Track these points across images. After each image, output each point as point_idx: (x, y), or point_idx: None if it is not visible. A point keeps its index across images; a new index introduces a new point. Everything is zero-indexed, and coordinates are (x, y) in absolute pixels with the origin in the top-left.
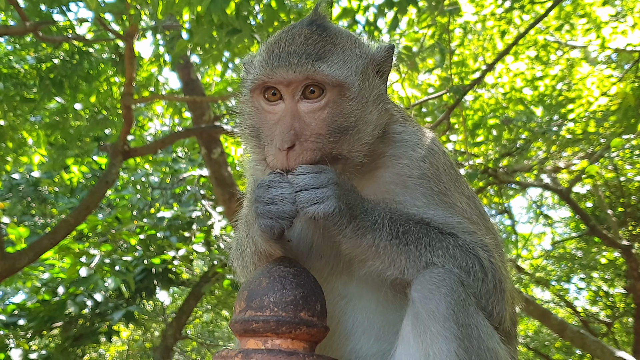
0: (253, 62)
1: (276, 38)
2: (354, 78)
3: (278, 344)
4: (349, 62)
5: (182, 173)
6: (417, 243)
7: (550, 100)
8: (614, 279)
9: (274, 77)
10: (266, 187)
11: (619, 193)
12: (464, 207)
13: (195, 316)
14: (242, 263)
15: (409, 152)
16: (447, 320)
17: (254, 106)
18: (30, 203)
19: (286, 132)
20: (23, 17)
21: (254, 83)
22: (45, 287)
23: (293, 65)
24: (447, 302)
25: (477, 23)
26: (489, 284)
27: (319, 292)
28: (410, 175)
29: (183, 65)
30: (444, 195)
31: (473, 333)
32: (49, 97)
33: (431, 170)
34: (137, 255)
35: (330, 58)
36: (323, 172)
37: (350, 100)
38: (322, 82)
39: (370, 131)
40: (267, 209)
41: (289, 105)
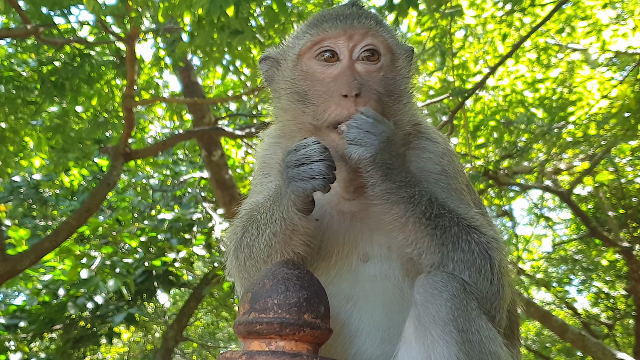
0: (297, 34)
1: (323, 11)
2: (400, 51)
3: (282, 346)
4: (395, 37)
5: (182, 175)
6: (444, 230)
7: (551, 103)
8: (614, 280)
9: (335, 36)
10: (293, 151)
11: (619, 195)
12: (475, 204)
13: (196, 318)
14: (249, 253)
15: (430, 147)
16: (448, 324)
17: (303, 70)
18: (31, 205)
19: (352, 81)
20: (24, 19)
21: (306, 45)
22: (46, 289)
23: (355, 26)
24: (447, 308)
25: (478, 26)
26: (495, 287)
27: (322, 294)
28: (431, 171)
29: (184, 67)
30: (460, 193)
31: (474, 337)
32: (50, 100)
33: (450, 168)
34: (137, 257)
35: (383, 27)
36: (383, 123)
37: (399, 69)
38: (380, 43)
39: (411, 106)
40: (297, 172)
41: (348, 62)
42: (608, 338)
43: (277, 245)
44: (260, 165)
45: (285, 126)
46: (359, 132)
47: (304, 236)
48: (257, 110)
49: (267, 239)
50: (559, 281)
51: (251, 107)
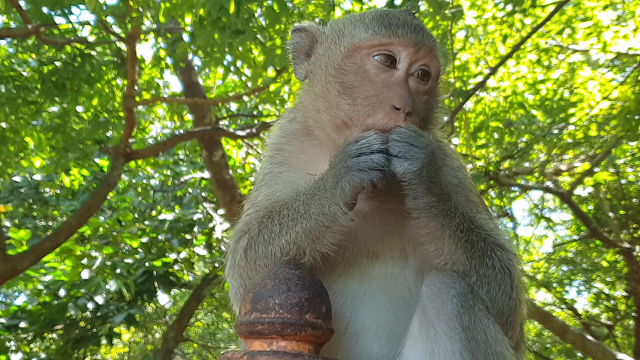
0: (359, 22)
1: (388, 11)
2: (441, 76)
3: (283, 346)
4: (444, 61)
5: (183, 175)
6: (473, 244)
7: (552, 104)
8: (615, 281)
9: (404, 40)
10: (353, 142)
11: (620, 196)
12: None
13: (196, 318)
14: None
15: (448, 161)
16: (452, 320)
17: (356, 64)
18: (31, 205)
19: (407, 97)
20: (25, 19)
21: (369, 41)
22: (47, 289)
23: (424, 35)
24: (453, 304)
25: (479, 26)
26: (513, 302)
27: (324, 295)
28: (451, 183)
29: (184, 68)
30: (475, 205)
31: (480, 337)
32: (51, 99)
33: (466, 180)
34: (138, 257)
35: (440, 50)
36: (424, 136)
37: (437, 95)
38: (434, 67)
39: (437, 126)
40: (355, 161)
41: (404, 75)
42: (608, 339)
43: (305, 242)
44: (272, 153)
45: (308, 114)
46: (403, 145)
47: (337, 234)
48: (258, 110)
49: (294, 235)
50: (559, 282)
51: (252, 108)
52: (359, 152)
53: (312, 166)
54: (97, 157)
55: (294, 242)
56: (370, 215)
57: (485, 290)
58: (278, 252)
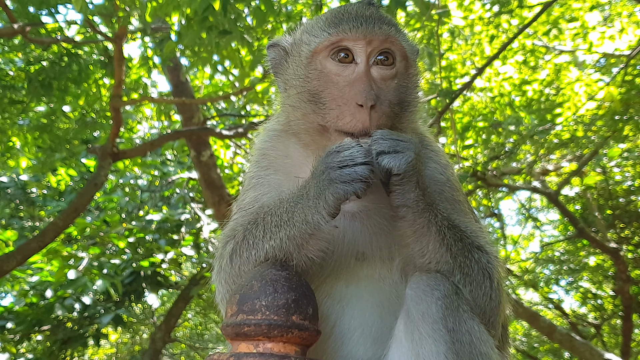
0: (312, 30)
1: (340, 8)
2: (413, 56)
3: (270, 348)
4: (409, 42)
5: (171, 176)
6: (456, 243)
7: (538, 105)
8: (602, 281)
9: (353, 37)
10: (335, 152)
11: (607, 196)
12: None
13: (184, 319)
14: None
15: (436, 158)
16: (437, 322)
17: (317, 69)
18: (18, 206)
19: (369, 91)
20: (11, 18)
21: (322, 43)
22: (33, 290)
23: (374, 29)
24: (437, 306)
25: (466, 28)
26: (494, 301)
27: (310, 296)
28: (438, 180)
29: (172, 67)
30: (461, 204)
31: (464, 338)
32: (37, 99)
33: (452, 179)
34: (125, 258)
35: (400, 31)
36: (405, 140)
37: (411, 76)
38: (397, 50)
39: (419, 112)
40: (339, 173)
41: (365, 67)
42: (595, 338)
43: (290, 249)
44: (258, 158)
45: (291, 122)
46: (389, 141)
47: (321, 241)
48: (246, 110)
49: (278, 242)
50: (546, 282)
51: (240, 108)
52: (342, 164)
53: (297, 169)
54: (84, 157)
55: (278, 248)
56: (358, 216)
57: (468, 290)
58: (262, 258)
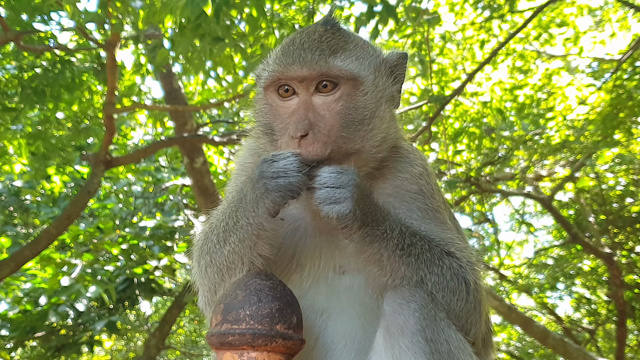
0: (268, 61)
1: (291, 37)
2: (367, 73)
3: (254, 357)
4: (362, 58)
5: (164, 182)
6: (418, 257)
7: (530, 109)
8: (596, 286)
9: (288, 74)
10: (270, 162)
11: (600, 201)
12: (452, 226)
13: (178, 326)
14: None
15: (409, 168)
16: (415, 335)
17: (268, 103)
18: (12, 213)
19: (300, 121)
20: (4, 26)
21: (267, 80)
22: (27, 297)
23: (307, 61)
24: (415, 318)
25: (457, 33)
26: (471, 304)
27: (295, 305)
28: (409, 190)
29: (165, 74)
30: (437, 212)
31: (443, 348)
32: (30, 106)
33: (427, 187)
34: (119, 265)
35: (343, 53)
36: (345, 173)
37: (364, 94)
38: (336, 77)
39: (385, 129)
40: (275, 183)
41: (303, 97)
42: (590, 343)
43: (243, 250)
44: (237, 172)
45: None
46: (328, 190)
47: (269, 238)
48: (239, 117)
49: (232, 245)
50: (540, 287)
51: (233, 114)
52: (277, 174)
53: None
54: (77, 164)
55: (234, 251)
56: (334, 230)
57: (441, 296)
58: (221, 260)
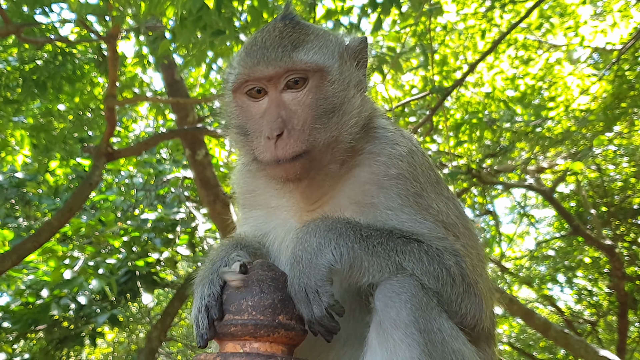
0: (233, 64)
1: (253, 37)
2: (332, 61)
3: (256, 348)
4: (324, 48)
5: (166, 174)
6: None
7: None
8: (597, 278)
9: (255, 74)
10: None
11: (602, 193)
12: (440, 208)
13: (180, 318)
14: None
15: (387, 150)
16: (409, 327)
17: (238, 105)
18: (14, 206)
19: (274, 121)
20: (5, 18)
21: (235, 83)
22: (29, 289)
23: (272, 59)
24: (407, 309)
25: (460, 23)
26: (459, 287)
27: None
28: (387, 175)
29: (167, 66)
30: (419, 196)
31: (436, 337)
32: (31, 98)
33: (409, 170)
34: (120, 257)
35: (306, 45)
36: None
37: (332, 83)
38: (303, 70)
39: (357, 114)
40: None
41: (274, 96)
42: (591, 335)
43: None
44: (237, 197)
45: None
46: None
47: None
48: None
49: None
50: (541, 279)
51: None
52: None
53: (265, 200)
54: (79, 156)
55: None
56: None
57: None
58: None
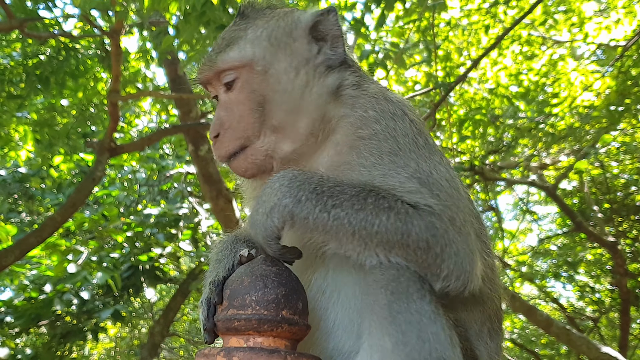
0: None
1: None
2: (262, 51)
3: (260, 342)
4: (257, 39)
5: (169, 170)
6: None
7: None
8: (599, 274)
9: (199, 78)
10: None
11: (604, 189)
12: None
13: (182, 313)
14: None
15: (359, 112)
16: (383, 309)
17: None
18: (17, 200)
19: (214, 123)
20: (9, 13)
21: (194, 87)
22: (32, 284)
23: (206, 63)
24: (383, 295)
25: (463, 19)
26: (436, 247)
27: (300, 291)
28: (360, 136)
29: (170, 61)
30: (394, 155)
31: (413, 318)
32: (35, 93)
33: (385, 132)
34: (124, 252)
35: (238, 42)
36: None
37: (262, 74)
38: (228, 70)
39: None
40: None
41: (220, 97)
42: (593, 332)
43: None
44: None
45: None
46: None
47: None
48: None
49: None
50: (542, 276)
51: None
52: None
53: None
54: (82, 151)
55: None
56: None
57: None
58: None
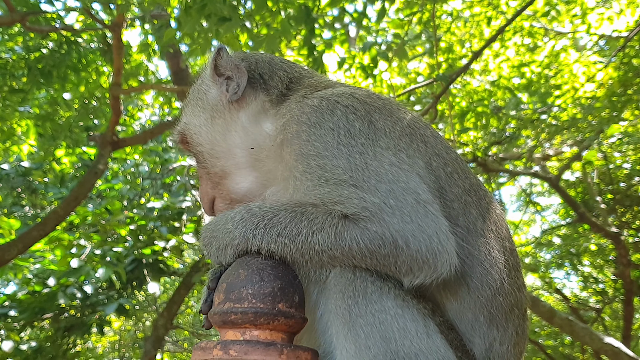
0: None
1: None
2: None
3: (256, 335)
4: (186, 107)
5: (171, 163)
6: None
7: (537, 86)
8: (603, 265)
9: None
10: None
11: (607, 180)
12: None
13: (186, 306)
14: None
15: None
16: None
17: None
18: (20, 194)
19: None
20: (10, 7)
21: None
22: (36, 278)
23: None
24: (341, 300)
25: (466, 10)
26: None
27: (297, 284)
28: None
29: (172, 54)
30: (320, 158)
31: (375, 319)
32: (37, 87)
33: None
34: (127, 246)
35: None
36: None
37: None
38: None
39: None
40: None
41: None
42: (597, 322)
43: None
44: None
45: None
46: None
47: None
48: None
49: None
50: (546, 266)
51: None
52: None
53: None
54: (85, 144)
55: None
56: None
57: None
58: None
